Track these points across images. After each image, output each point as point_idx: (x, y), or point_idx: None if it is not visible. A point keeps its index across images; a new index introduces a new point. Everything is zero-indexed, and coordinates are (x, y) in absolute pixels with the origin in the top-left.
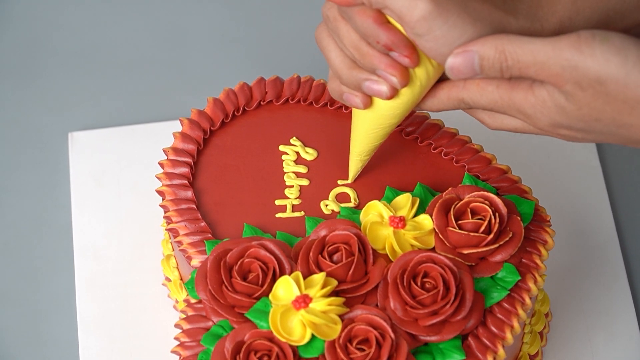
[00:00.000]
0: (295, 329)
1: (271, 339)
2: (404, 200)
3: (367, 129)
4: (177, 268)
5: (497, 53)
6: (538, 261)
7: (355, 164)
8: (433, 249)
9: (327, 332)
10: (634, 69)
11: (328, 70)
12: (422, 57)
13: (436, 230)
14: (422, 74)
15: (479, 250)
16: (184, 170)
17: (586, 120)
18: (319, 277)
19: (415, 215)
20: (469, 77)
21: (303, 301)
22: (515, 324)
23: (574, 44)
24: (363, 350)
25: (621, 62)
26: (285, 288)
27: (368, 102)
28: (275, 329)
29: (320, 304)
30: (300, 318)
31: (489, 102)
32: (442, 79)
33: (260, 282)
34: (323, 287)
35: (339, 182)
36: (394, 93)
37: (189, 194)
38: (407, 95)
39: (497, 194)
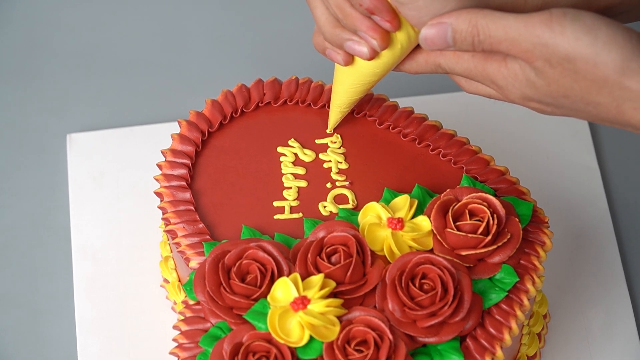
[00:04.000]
0: (293, 330)
1: (269, 340)
2: (402, 202)
3: (348, 84)
4: (176, 269)
5: (469, 27)
6: (536, 262)
7: (335, 115)
8: (431, 251)
9: (326, 333)
10: (603, 49)
11: (327, 72)
12: (404, 20)
13: (434, 231)
14: (403, 38)
15: (477, 251)
16: (182, 171)
17: (555, 96)
18: (317, 279)
19: (414, 216)
20: (442, 48)
21: (301, 302)
22: (514, 325)
23: (545, 21)
24: (361, 351)
25: (591, 41)
26: (284, 289)
27: (349, 60)
28: (274, 331)
29: (318, 306)
30: (299, 319)
31: (463, 70)
32: None
33: (258, 284)
34: (321, 288)
35: (337, 183)
36: (374, 54)
37: (187, 195)
38: (387, 57)
39: (495, 196)
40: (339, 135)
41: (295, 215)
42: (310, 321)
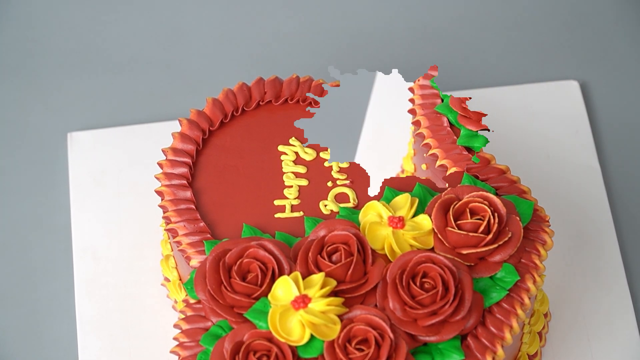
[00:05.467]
0: (294, 329)
1: (270, 339)
2: (403, 201)
3: None
4: (176, 268)
5: None
6: (537, 261)
7: None
8: (432, 249)
9: (326, 332)
10: None
11: (327, 72)
12: None
13: (435, 230)
14: None
15: (478, 250)
16: (183, 170)
17: None
18: (318, 278)
19: (415, 215)
20: None
21: (302, 301)
22: (515, 324)
23: None
24: (362, 350)
25: None
26: (285, 288)
27: None
28: (275, 329)
29: (319, 304)
30: (300, 318)
31: None
32: None
33: (259, 283)
34: (322, 287)
35: (338, 182)
36: None
37: (188, 194)
38: None
39: (496, 194)
40: None
41: (296, 214)
42: (311, 320)
